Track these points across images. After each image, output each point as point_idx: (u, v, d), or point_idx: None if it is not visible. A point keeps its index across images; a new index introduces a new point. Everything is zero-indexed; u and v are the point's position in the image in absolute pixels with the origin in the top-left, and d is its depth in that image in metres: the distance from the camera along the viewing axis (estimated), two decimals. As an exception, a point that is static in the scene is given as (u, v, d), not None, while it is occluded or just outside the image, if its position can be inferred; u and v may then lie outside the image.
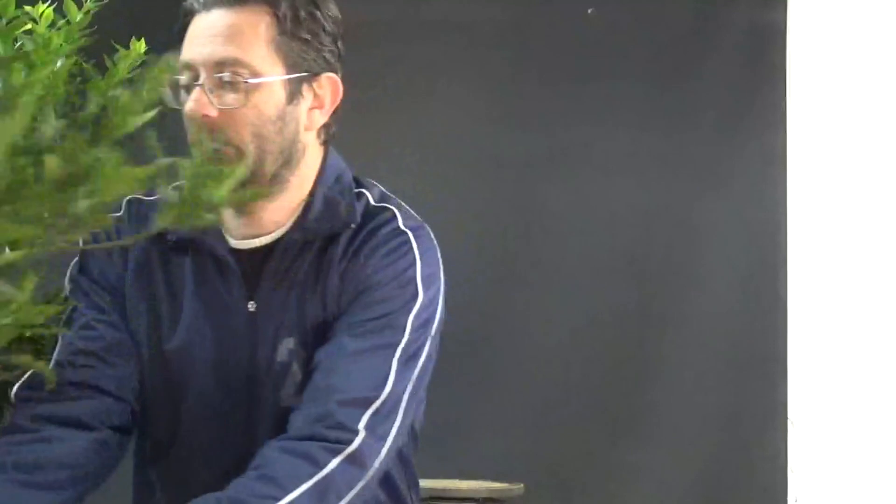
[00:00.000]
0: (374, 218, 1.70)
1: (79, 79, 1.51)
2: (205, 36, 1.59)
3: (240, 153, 1.59)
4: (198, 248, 1.67)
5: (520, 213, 3.46)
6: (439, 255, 1.78)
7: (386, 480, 1.69)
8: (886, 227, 3.42)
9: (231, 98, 1.59)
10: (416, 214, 1.77)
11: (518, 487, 2.76)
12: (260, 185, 1.61)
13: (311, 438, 1.55)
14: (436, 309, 1.75)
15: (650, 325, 3.42)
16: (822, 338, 3.39)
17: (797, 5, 3.46)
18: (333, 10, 1.68)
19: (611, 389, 3.40)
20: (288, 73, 1.62)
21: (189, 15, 1.63)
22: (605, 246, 3.43)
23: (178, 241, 1.67)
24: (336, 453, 1.54)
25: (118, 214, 1.72)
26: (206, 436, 1.69)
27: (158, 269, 1.69)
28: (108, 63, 1.54)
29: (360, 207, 1.70)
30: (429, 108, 3.49)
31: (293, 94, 1.63)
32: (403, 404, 1.63)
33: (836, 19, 3.45)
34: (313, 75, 1.65)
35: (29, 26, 1.45)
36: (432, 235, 1.77)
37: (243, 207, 1.65)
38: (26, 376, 1.61)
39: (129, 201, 1.74)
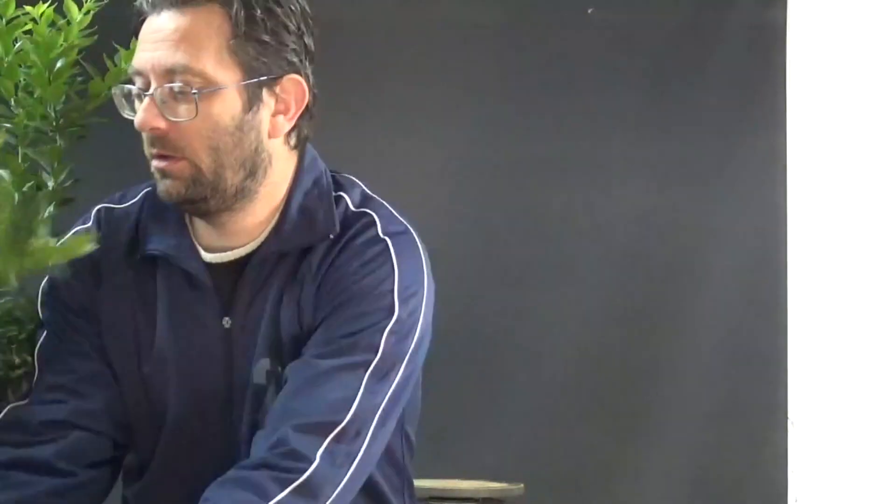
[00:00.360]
0: (352, 225, 1.58)
1: (80, 79, 1.52)
2: (153, 41, 1.47)
3: (194, 168, 1.49)
4: (169, 263, 1.57)
5: (519, 213, 3.46)
6: (424, 261, 1.64)
7: (372, 488, 1.60)
8: (887, 227, 3.41)
9: (182, 109, 1.47)
10: (399, 216, 1.63)
11: (518, 487, 2.76)
12: (223, 200, 1.51)
13: (264, 467, 1.45)
14: (416, 321, 1.60)
15: (650, 325, 3.41)
16: (822, 338, 3.39)
17: (797, 5, 3.45)
18: (298, 3, 1.58)
19: (611, 389, 3.40)
20: (244, 79, 1.50)
21: (140, 16, 1.51)
22: (605, 246, 3.43)
23: (147, 256, 1.58)
24: (285, 484, 1.44)
25: (87, 225, 1.61)
26: (185, 461, 1.59)
27: (132, 286, 1.58)
28: (109, 63, 1.54)
29: (338, 214, 1.58)
30: (428, 109, 3.49)
31: (251, 100, 1.51)
32: (371, 427, 1.51)
33: (836, 19, 3.45)
34: (274, 79, 1.54)
35: (29, 26, 1.45)
36: (417, 240, 1.63)
37: (212, 222, 1.56)
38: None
39: (99, 210, 1.64)
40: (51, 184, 1.46)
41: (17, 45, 1.45)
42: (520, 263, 3.44)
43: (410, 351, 1.59)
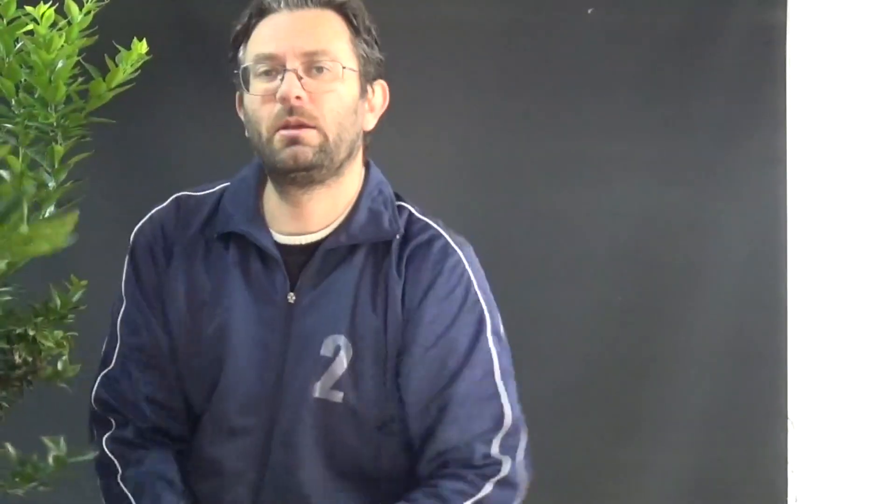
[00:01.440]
0: (420, 231, 1.84)
1: (80, 79, 1.52)
2: (292, 30, 1.72)
3: (322, 135, 1.72)
4: (244, 242, 1.78)
5: (518, 213, 3.46)
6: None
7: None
8: (887, 227, 3.42)
9: (320, 85, 1.71)
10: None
11: (518, 487, 2.75)
12: (329, 171, 1.73)
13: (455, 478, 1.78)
14: (493, 314, 1.91)
15: (650, 325, 3.42)
16: (822, 337, 3.40)
17: (797, 5, 3.46)
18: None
19: (611, 389, 3.40)
20: (361, 71, 1.78)
21: (260, 15, 1.76)
22: (605, 246, 3.43)
23: (222, 235, 1.79)
24: (487, 478, 1.79)
25: (164, 206, 1.82)
26: (234, 413, 1.76)
27: (200, 259, 1.78)
28: (110, 63, 1.54)
29: (402, 220, 1.83)
30: (427, 109, 3.49)
31: (363, 90, 1.79)
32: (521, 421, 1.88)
33: (836, 19, 3.45)
34: (373, 78, 1.83)
35: (30, 27, 1.46)
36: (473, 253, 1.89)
37: (293, 193, 1.76)
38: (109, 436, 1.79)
39: (178, 196, 1.84)
40: (51, 184, 1.47)
41: (18, 45, 1.46)
42: (519, 263, 3.44)
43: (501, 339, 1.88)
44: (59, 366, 1.57)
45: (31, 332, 1.52)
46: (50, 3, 1.48)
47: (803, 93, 3.44)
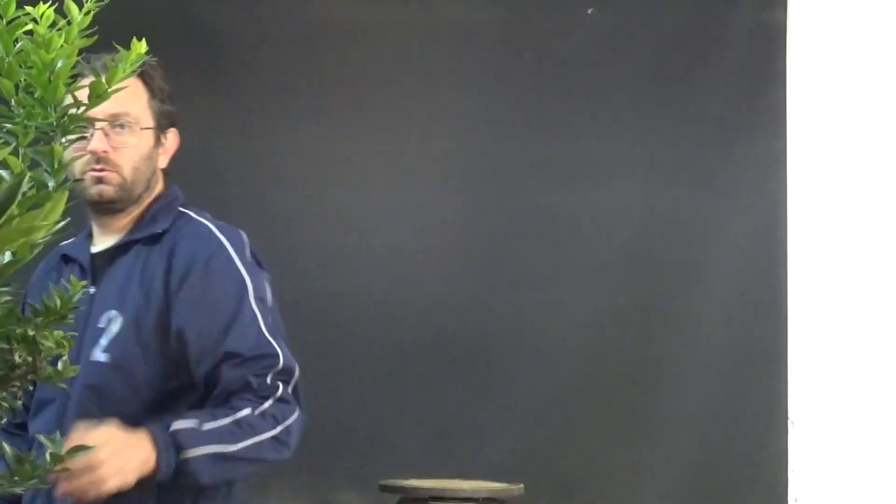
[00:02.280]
0: (186, 223, 2.27)
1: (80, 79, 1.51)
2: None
3: (121, 178, 2.23)
4: (68, 258, 2.31)
5: (519, 213, 3.46)
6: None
7: None
8: (887, 227, 3.42)
9: (123, 140, 2.22)
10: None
11: (518, 487, 2.76)
12: (128, 202, 2.25)
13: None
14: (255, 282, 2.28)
15: (651, 325, 3.42)
16: (822, 337, 3.40)
17: (797, 5, 3.46)
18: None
19: (611, 389, 3.40)
20: (155, 126, 2.27)
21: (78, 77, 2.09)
22: (606, 247, 3.43)
23: (64, 255, 2.33)
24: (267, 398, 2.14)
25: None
26: (47, 387, 2.08)
27: (55, 275, 2.29)
28: (108, 62, 1.54)
29: (172, 219, 2.26)
30: (428, 109, 3.49)
31: (157, 140, 2.28)
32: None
33: (836, 19, 3.45)
34: (166, 128, 2.30)
35: (30, 26, 1.45)
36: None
37: (103, 218, 2.28)
38: None
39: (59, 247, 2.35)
40: (51, 184, 1.47)
41: (18, 45, 1.45)
42: (519, 263, 3.44)
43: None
44: (59, 366, 1.57)
45: (31, 332, 1.52)
46: (50, 2, 1.48)
47: (803, 93, 3.44)
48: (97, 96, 1.46)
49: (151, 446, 2.01)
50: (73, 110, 1.36)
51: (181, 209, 2.32)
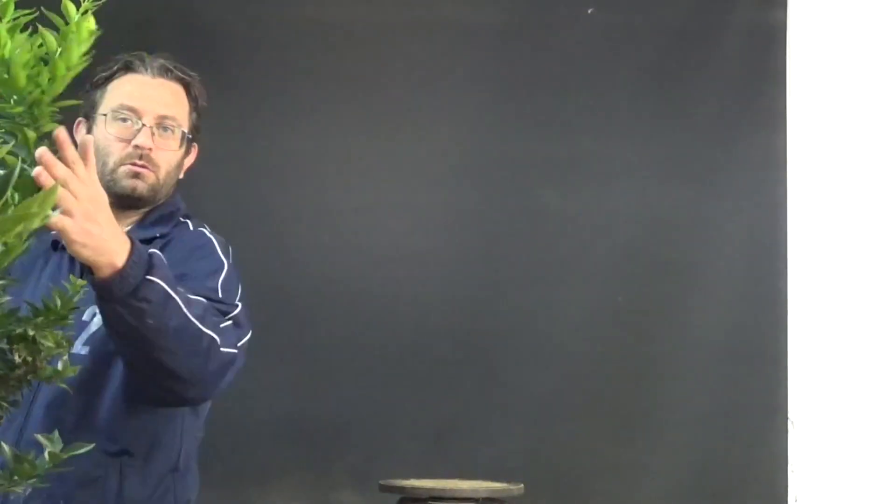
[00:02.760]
0: (178, 225, 2.31)
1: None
2: (153, 94, 2.27)
3: (156, 179, 2.28)
4: (62, 245, 2.16)
5: (519, 213, 3.46)
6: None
7: None
8: (887, 227, 3.42)
9: (167, 142, 2.27)
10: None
11: (518, 487, 2.76)
12: (151, 202, 2.28)
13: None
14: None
15: (651, 325, 3.42)
16: (822, 337, 3.40)
17: (797, 5, 3.46)
18: None
19: (611, 390, 3.40)
20: (191, 137, 2.33)
21: (126, 70, 2.29)
22: (606, 246, 3.43)
23: (55, 241, 2.26)
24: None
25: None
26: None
27: (42, 263, 2.26)
28: (59, 41, 1.53)
29: (173, 225, 2.31)
30: (428, 109, 3.49)
31: (187, 149, 2.33)
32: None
33: (836, 19, 3.45)
34: (193, 142, 2.34)
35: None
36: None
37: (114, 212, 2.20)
38: None
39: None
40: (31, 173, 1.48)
41: (39, 44, 1.46)
42: (519, 263, 3.44)
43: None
44: (59, 366, 1.57)
45: (31, 332, 1.52)
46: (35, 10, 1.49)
47: (803, 93, 3.44)
48: (57, 78, 1.47)
49: (128, 248, 1.91)
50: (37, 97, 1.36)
51: (182, 219, 2.36)
